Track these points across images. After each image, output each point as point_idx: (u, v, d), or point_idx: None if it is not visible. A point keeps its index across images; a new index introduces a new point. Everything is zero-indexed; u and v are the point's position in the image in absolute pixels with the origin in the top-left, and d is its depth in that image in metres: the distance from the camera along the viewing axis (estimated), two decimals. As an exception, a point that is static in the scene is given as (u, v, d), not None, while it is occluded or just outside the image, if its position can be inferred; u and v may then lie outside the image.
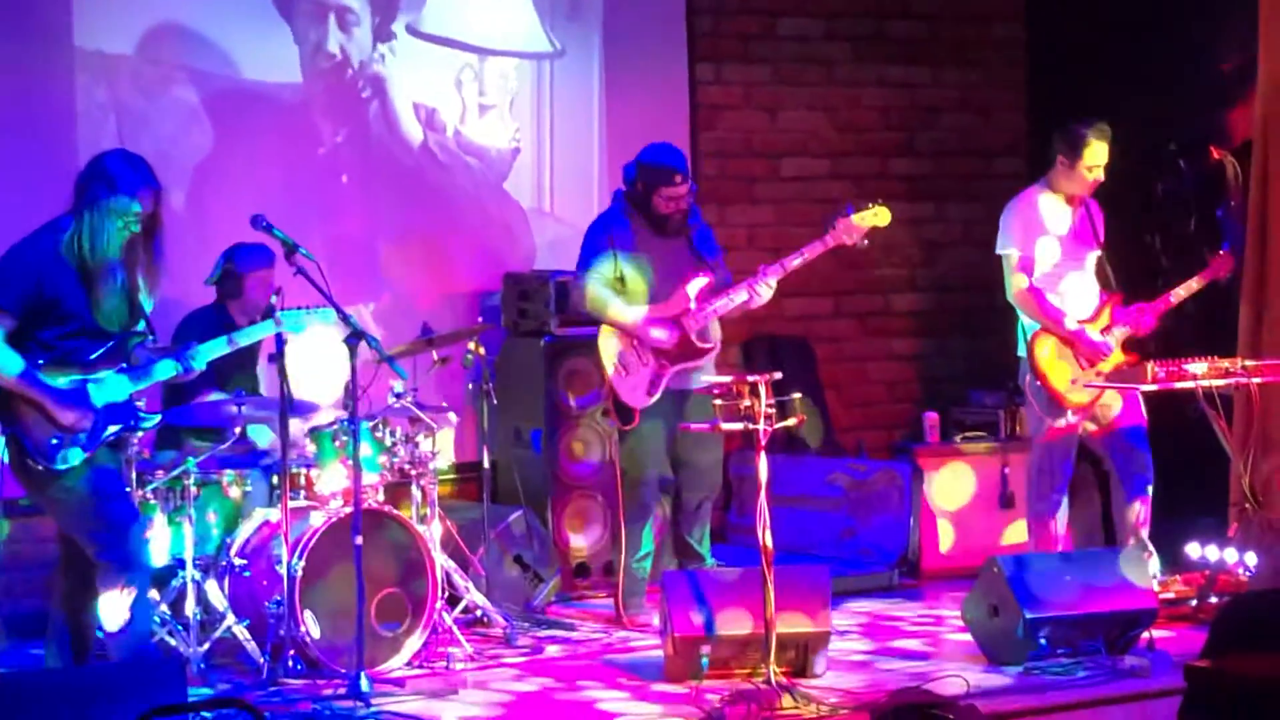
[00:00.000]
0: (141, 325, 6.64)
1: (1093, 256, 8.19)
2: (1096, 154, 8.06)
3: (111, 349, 6.53)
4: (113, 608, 6.50)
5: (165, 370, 6.64)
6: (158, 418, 6.78)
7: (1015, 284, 8.10)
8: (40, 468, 6.44)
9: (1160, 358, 7.91)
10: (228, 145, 8.92)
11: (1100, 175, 8.10)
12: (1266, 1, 8.66)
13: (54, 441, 6.41)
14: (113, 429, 6.52)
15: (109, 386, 6.52)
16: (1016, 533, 9.09)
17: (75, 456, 6.44)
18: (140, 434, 6.85)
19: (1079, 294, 8.15)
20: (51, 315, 6.44)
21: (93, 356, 6.48)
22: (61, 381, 6.43)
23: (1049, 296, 8.07)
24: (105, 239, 6.43)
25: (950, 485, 9.25)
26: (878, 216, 7.93)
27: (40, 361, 6.41)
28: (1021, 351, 8.18)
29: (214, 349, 6.79)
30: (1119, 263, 8.29)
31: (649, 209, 8.03)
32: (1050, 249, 8.12)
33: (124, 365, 6.56)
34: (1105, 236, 8.22)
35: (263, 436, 8.05)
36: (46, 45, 8.54)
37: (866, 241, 7.98)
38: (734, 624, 6.98)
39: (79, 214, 6.46)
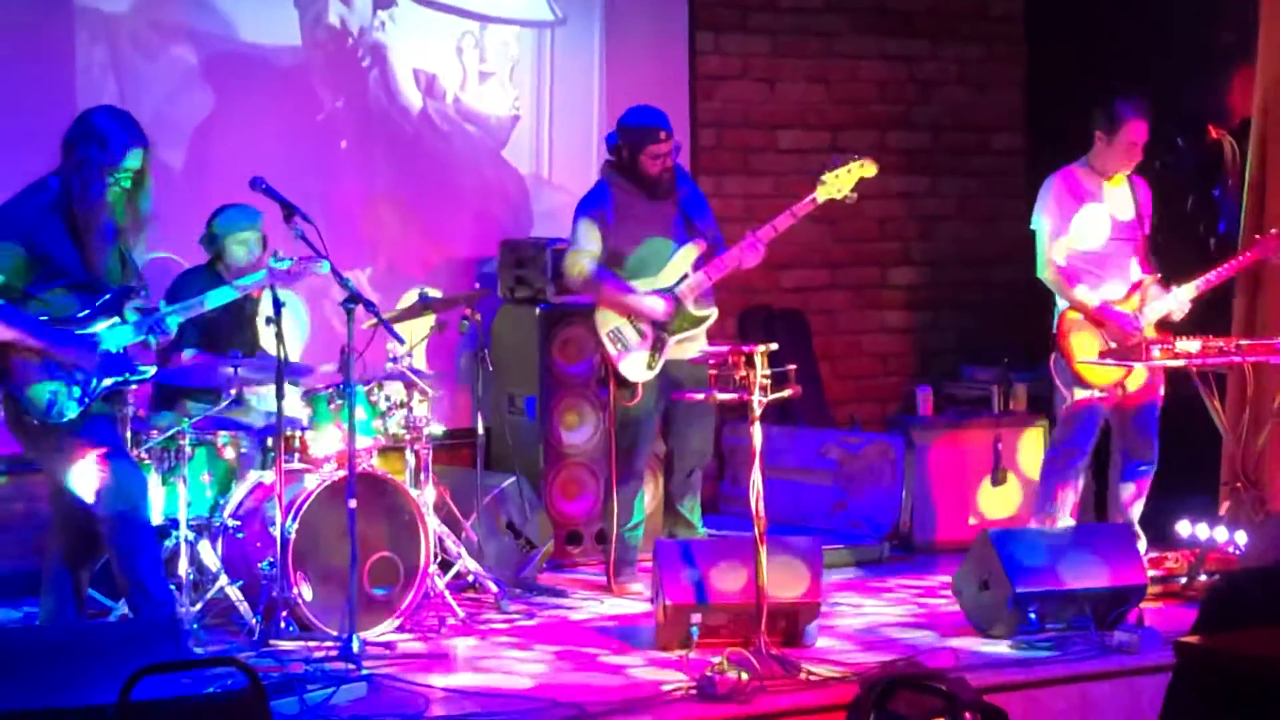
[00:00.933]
0: (133, 280, 6.66)
1: (1136, 237, 8.11)
2: (1139, 128, 7.98)
3: (105, 304, 6.54)
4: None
5: (152, 323, 6.63)
6: (153, 369, 6.77)
7: (1045, 261, 8.04)
8: (36, 423, 6.46)
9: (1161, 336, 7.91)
10: (226, 107, 8.92)
11: (1139, 153, 8.02)
12: (1267, 8, 8.65)
13: (48, 396, 6.43)
14: (108, 381, 6.54)
15: (104, 339, 6.53)
16: (1008, 507, 9.12)
17: (71, 410, 6.46)
18: (135, 386, 6.83)
19: (1109, 275, 8.07)
20: (43, 271, 6.46)
21: (84, 312, 6.50)
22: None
23: (1088, 275, 8.02)
24: (95, 195, 6.45)
25: (943, 459, 9.26)
26: (864, 168, 7.93)
27: (45, 316, 6.44)
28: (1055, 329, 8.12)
29: (188, 311, 6.78)
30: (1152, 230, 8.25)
31: (636, 173, 8.02)
32: (1100, 221, 8.04)
33: (118, 319, 6.56)
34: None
35: (264, 403, 8.05)
36: (48, 3, 8.53)
37: (855, 195, 7.97)
38: (725, 593, 7.00)
39: (68, 171, 6.47)
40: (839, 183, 7.90)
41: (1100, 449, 8.23)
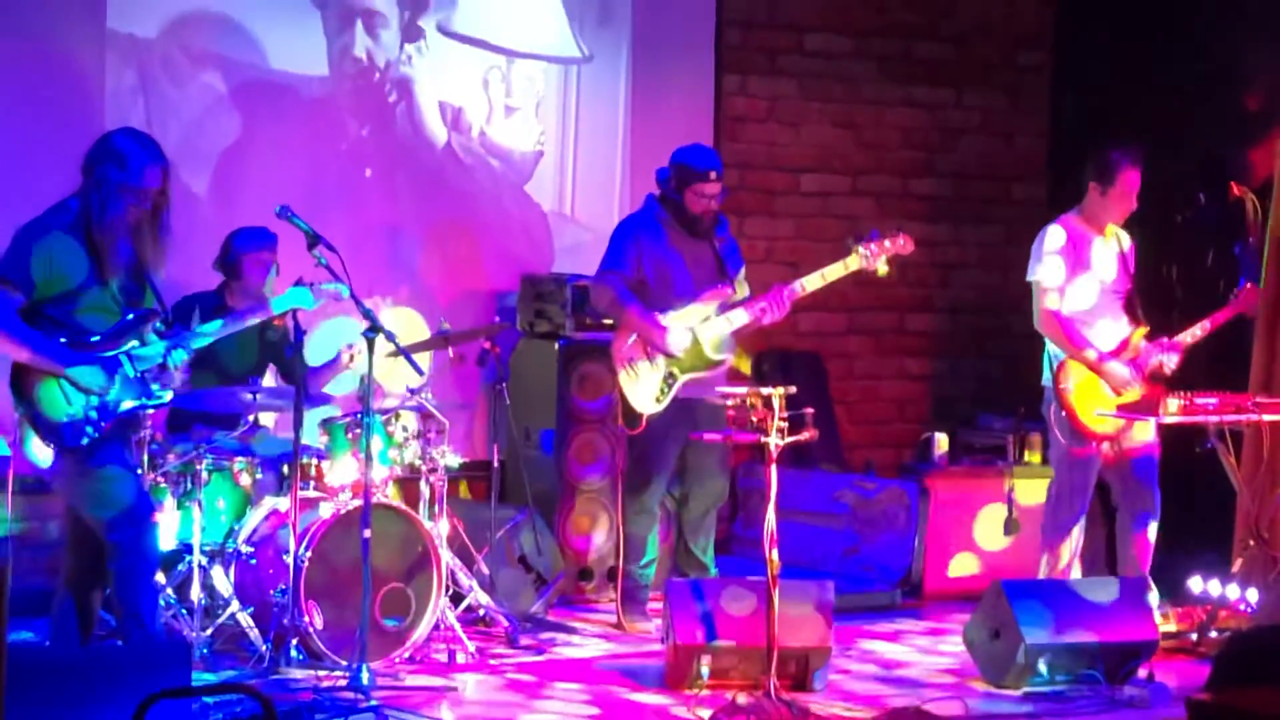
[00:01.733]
0: (153, 303, 6.65)
1: (1124, 289, 8.14)
2: (1129, 180, 8.03)
3: (122, 326, 6.55)
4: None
5: (159, 352, 6.62)
6: (170, 394, 6.76)
7: (1042, 311, 8.06)
8: (52, 445, 6.46)
9: (1174, 389, 7.91)
10: (253, 134, 8.97)
11: (1134, 203, 8.06)
12: None
13: (66, 420, 6.43)
14: (126, 405, 6.54)
15: (123, 363, 6.53)
16: (1021, 557, 9.10)
17: (88, 434, 6.46)
18: (153, 410, 6.85)
19: (1101, 326, 8.11)
20: (60, 292, 6.46)
21: (101, 335, 6.50)
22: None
23: (1083, 328, 8.04)
24: (113, 216, 6.46)
25: (957, 508, 9.26)
26: (901, 245, 7.94)
27: (61, 339, 6.45)
28: (1046, 380, 8.14)
29: (212, 328, 6.83)
30: (1138, 284, 8.26)
31: (681, 209, 8.05)
32: (1091, 287, 8.07)
33: (137, 342, 6.57)
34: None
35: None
36: (79, 27, 8.58)
37: (888, 269, 7.99)
38: (736, 636, 7.00)
39: (87, 192, 6.48)
40: (875, 259, 7.90)
41: (1108, 504, 8.23)
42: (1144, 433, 8.06)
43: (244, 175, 8.87)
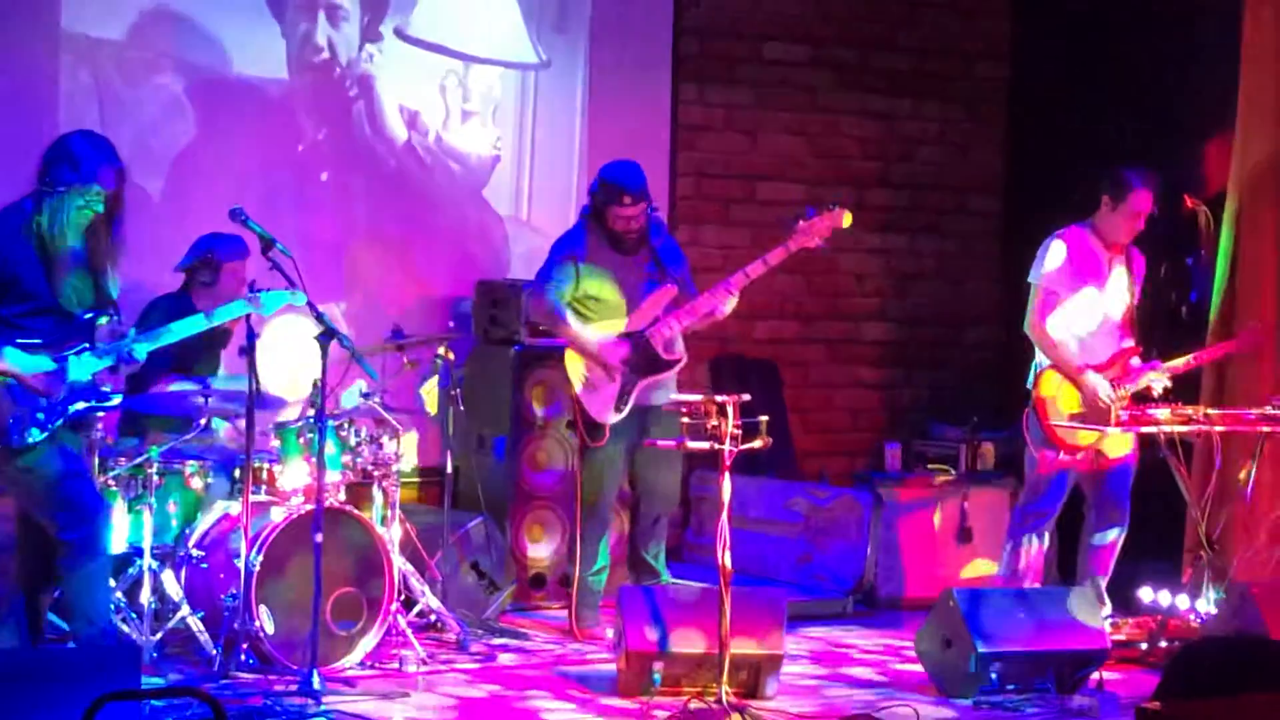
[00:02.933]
0: (107, 306, 6.61)
1: (1125, 307, 8.17)
2: (1144, 199, 8.05)
3: (73, 329, 6.51)
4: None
5: (120, 348, 6.58)
6: (119, 397, 6.75)
7: (1033, 316, 8.08)
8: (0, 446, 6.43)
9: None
10: (209, 136, 8.96)
11: (1141, 224, 8.07)
12: (1247, 84, 8.72)
13: (12, 420, 6.40)
14: (75, 407, 6.50)
15: (72, 365, 6.50)
16: (973, 566, 9.13)
17: (35, 435, 6.43)
18: (102, 413, 6.82)
19: (1094, 340, 8.11)
20: (12, 293, 6.45)
21: (50, 336, 6.47)
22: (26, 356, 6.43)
23: (1075, 338, 8.06)
24: (66, 219, 6.44)
25: (909, 516, 9.28)
26: (837, 217, 7.96)
27: (12, 341, 6.41)
28: (1031, 383, 8.15)
29: (178, 329, 6.80)
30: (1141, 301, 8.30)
31: (604, 226, 8.05)
32: (1062, 287, 8.08)
33: (87, 345, 6.53)
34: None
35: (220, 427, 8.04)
36: (33, 26, 8.54)
37: (828, 244, 8.00)
38: (688, 642, 7.00)
39: (41, 194, 6.47)
40: (813, 231, 7.93)
41: (1067, 510, 8.25)
42: (1121, 445, 8.08)
43: (198, 177, 8.86)
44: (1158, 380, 8.06)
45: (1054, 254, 8.09)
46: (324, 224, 9.21)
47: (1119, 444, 8.07)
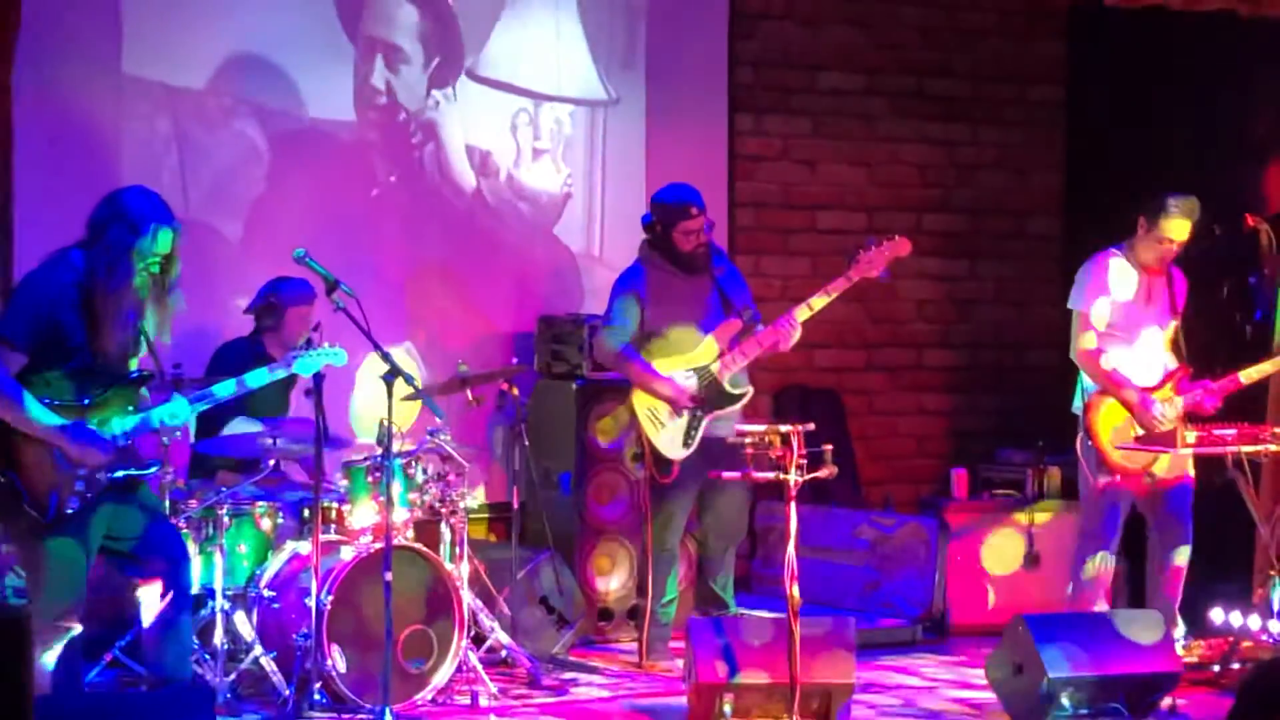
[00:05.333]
0: (149, 365, 6.48)
1: (1169, 326, 8.13)
2: (1176, 228, 7.98)
3: (113, 390, 6.38)
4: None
5: (166, 413, 6.41)
6: (159, 465, 6.67)
7: (1080, 342, 8.06)
8: (34, 515, 6.23)
9: (1193, 422, 7.91)
10: (284, 179, 9.04)
11: (1173, 251, 8.03)
12: None
13: (51, 490, 6.23)
14: (115, 475, 6.34)
15: (115, 428, 6.35)
16: (1041, 591, 9.09)
17: (72, 507, 6.26)
18: (147, 476, 6.59)
19: (1139, 362, 8.09)
20: (51, 351, 6.28)
21: (90, 398, 6.33)
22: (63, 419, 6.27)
23: (1120, 361, 8.04)
24: (123, 280, 6.29)
25: (977, 543, 9.26)
26: (897, 246, 7.98)
27: (47, 401, 6.25)
28: (1077, 407, 8.14)
29: (221, 391, 6.62)
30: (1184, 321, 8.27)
31: (671, 249, 8.09)
32: (1103, 312, 8.07)
33: (128, 407, 6.39)
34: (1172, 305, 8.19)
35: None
36: (93, 72, 8.62)
37: (889, 274, 8.03)
38: (758, 673, 7.00)
39: (96, 252, 6.31)
40: (874, 262, 7.95)
41: (1136, 533, 8.21)
42: (1177, 465, 8.04)
43: (274, 221, 8.93)
44: (1208, 399, 8.02)
45: (1093, 278, 8.07)
46: (395, 265, 9.27)
47: (1169, 465, 8.03)
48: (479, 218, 9.49)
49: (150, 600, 6.42)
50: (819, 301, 8.03)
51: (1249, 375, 8.12)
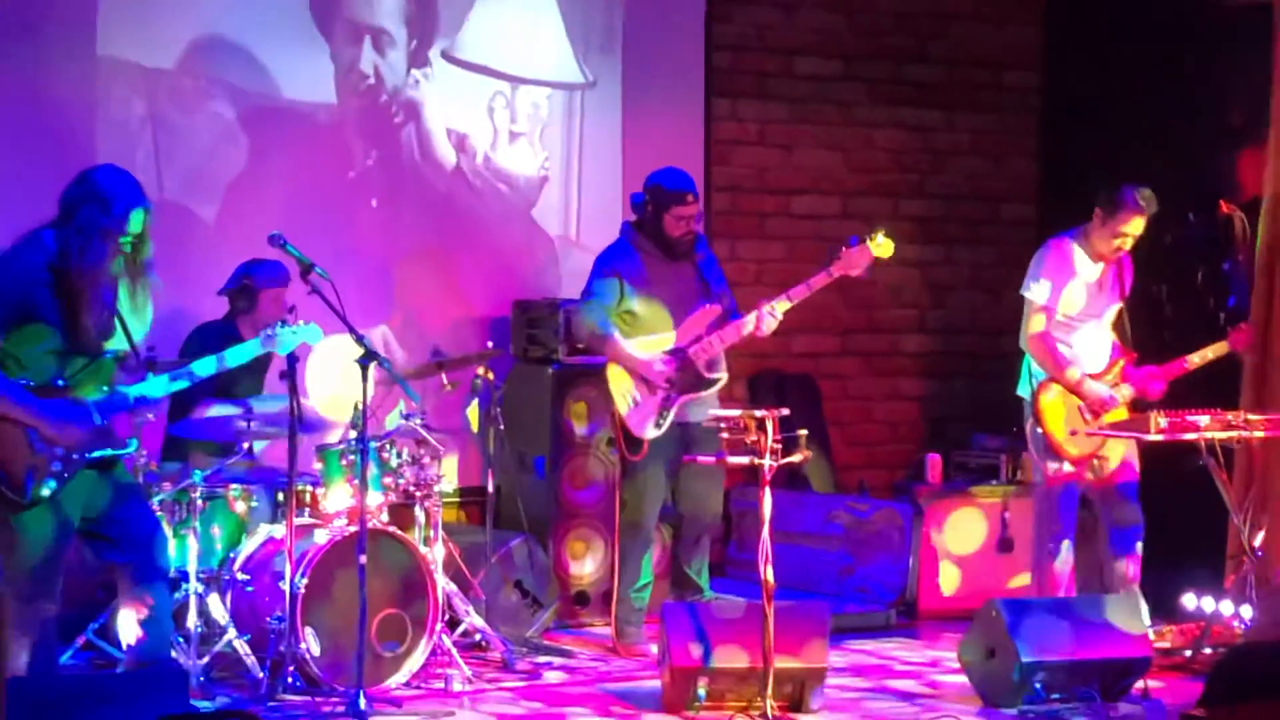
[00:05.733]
0: (123, 345, 6.42)
1: (1113, 310, 8.19)
2: (1131, 222, 8.03)
3: (87, 371, 6.34)
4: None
5: (142, 390, 6.42)
6: (135, 443, 6.63)
7: (1032, 327, 8.11)
8: (11, 497, 6.19)
9: (1163, 407, 7.94)
10: (261, 162, 9.02)
11: (1127, 245, 8.04)
12: None
13: (26, 472, 6.20)
14: (91, 456, 6.32)
15: (94, 412, 6.32)
16: (1015, 576, 9.12)
17: (49, 487, 6.24)
18: (124, 456, 6.57)
19: (1092, 346, 8.16)
20: (25, 332, 6.25)
21: (65, 379, 6.29)
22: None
23: (1060, 345, 8.09)
24: (95, 260, 6.25)
25: (950, 527, 9.29)
26: (881, 248, 7.99)
27: (22, 383, 6.22)
28: (1023, 392, 8.20)
29: (171, 385, 6.57)
30: (1129, 303, 8.30)
31: (659, 233, 8.09)
32: (1076, 295, 8.11)
33: (103, 387, 6.36)
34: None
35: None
36: (67, 53, 8.58)
37: (870, 273, 8.04)
38: (732, 657, 7.01)
39: (67, 232, 6.26)
40: (856, 260, 7.95)
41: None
42: (1126, 452, 8.08)
43: (250, 203, 8.90)
44: (1154, 384, 8.08)
45: (1045, 265, 8.09)
46: (374, 247, 9.27)
47: (1119, 450, 8.06)
48: (456, 201, 9.48)
49: (129, 627, 6.41)
50: (798, 294, 8.03)
51: (1193, 361, 8.18)
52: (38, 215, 6.48)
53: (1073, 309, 8.10)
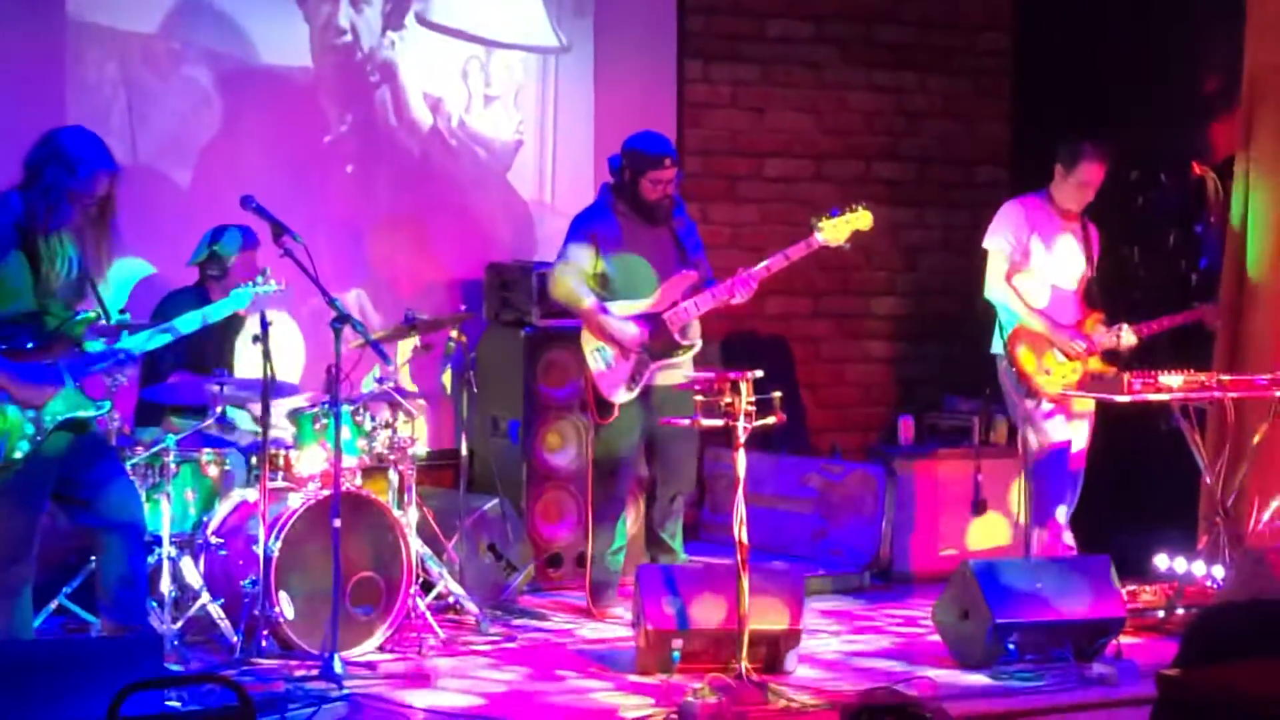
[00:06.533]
0: (94, 308, 6.42)
1: (1080, 277, 8.25)
2: (1090, 170, 8.12)
3: (55, 332, 6.34)
4: None
5: (119, 346, 6.45)
6: (109, 405, 6.58)
7: (996, 277, 8.18)
8: None
9: (1135, 368, 7.97)
10: (236, 125, 8.98)
11: (1090, 194, 8.17)
12: (1253, 47, 8.71)
13: (1, 435, 6.20)
14: (61, 417, 6.32)
15: (64, 373, 6.33)
16: (987, 537, 9.15)
17: (21, 449, 6.26)
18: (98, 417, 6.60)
19: (1060, 309, 8.22)
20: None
21: (34, 342, 6.29)
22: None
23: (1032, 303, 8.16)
24: (59, 222, 6.24)
25: (923, 489, 9.30)
26: (860, 219, 7.98)
27: None
28: (996, 348, 8.25)
29: (153, 339, 6.64)
30: (1097, 273, 8.34)
31: (636, 197, 8.06)
32: (1040, 253, 8.18)
33: (72, 349, 6.37)
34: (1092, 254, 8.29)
35: (243, 421, 8.08)
36: (33, 15, 8.53)
37: (849, 244, 8.03)
38: (707, 618, 7.02)
39: (33, 194, 6.26)
40: (835, 231, 7.94)
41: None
42: (1084, 438, 8.19)
43: (226, 167, 8.86)
44: (1126, 336, 8.13)
45: (1009, 219, 8.18)
46: (350, 211, 9.25)
47: (1083, 436, 8.22)
48: (431, 165, 9.45)
49: (106, 591, 6.40)
50: (776, 264, 8.01)
51: (1161, 324, 8.26)
52: (9, 179, 6.45)
53: (1039, 270, 8.15)
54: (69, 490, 6.44)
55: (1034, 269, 8.20)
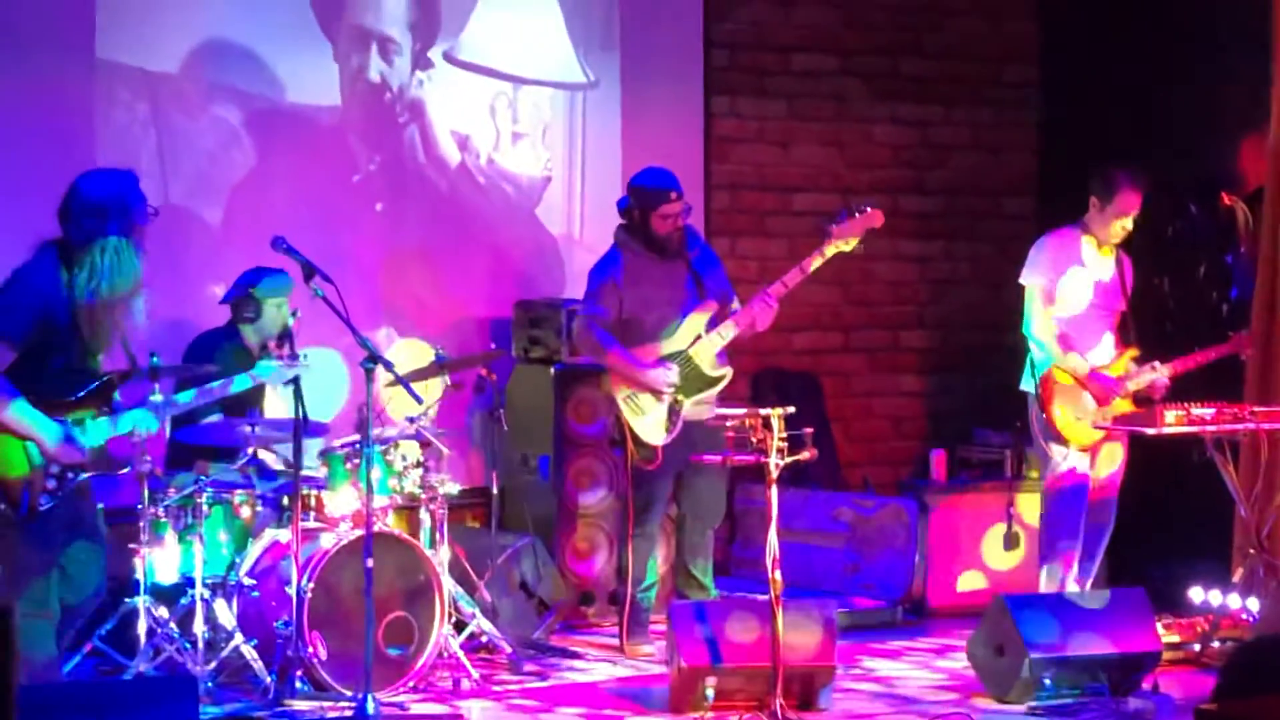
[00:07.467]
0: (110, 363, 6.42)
1: (1116, 311, 8.21)
2: (1128, 200, 8.08)
3: (94, 390, 6.33)
4: None
5: (134, 421, 6.42)
6: (129, 467, 6.62)
7: (1036, 316, 8.13)
8: (7, 510, 6.18)
9: (1167, 400, 7.94)
10: (266, 165, 9.00)
11: (1129, 224, 8.12)
12: None
13: (23, 488, 6.19)
14: (84, 476, 6.32)
15: (89, 431, 6.32)
16: (1022, 571, 9.10)
17: (44, 503, 6.24)
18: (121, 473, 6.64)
19: (1097, 342, 8.17)
20: (43, 349, 6.23)
21: (75, 396, 6.28)
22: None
23: (1069, 338, 8.10)
24: (126, 277, 6.22)
25: (955, 522, 9.27)
26: (871, 218, 7.97)
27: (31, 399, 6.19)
28: (1026, 385, 8.21)
29: (185, 399, 6.72)
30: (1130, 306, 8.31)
31: (648, 233, 8.07)
32: (1082, 285, 8.13)
33: (105, 409, 6.35)
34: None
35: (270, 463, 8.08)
36: (64, 57, 8.54)
37: (862, 247, 8.01)
38: (741, 655, 7.00)
39: (92, 247, 6.21)
40: (847, 234, 7.93)
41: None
42: (1118, 463, 8.13)
43: (255, 207, 8.87)
44: (1159, 378, 8.09)
45: (1045, 255, 8.13)
46: (379, 249, 9.25)
47: (1117, 460, 8.15)
48: (460, 202, 9.46)
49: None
50: (793, 278, 8.01)
51: (1196, 360, 8.19)
52: (41, 222, 6.46)
53: (1077, 303, 8.11)
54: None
55: (1072, 301, 8.14)
